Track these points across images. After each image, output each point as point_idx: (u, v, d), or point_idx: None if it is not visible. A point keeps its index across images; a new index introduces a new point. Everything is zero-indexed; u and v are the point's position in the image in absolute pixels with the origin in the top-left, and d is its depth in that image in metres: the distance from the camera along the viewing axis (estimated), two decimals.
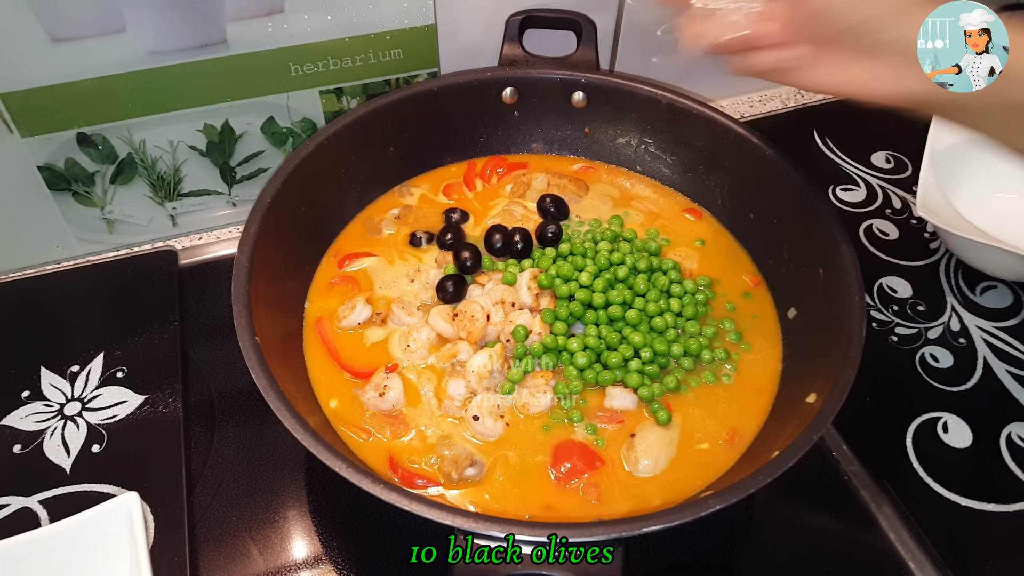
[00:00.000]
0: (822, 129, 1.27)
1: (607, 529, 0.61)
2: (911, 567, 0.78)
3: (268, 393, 0.68)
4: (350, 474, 0.64)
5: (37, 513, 0.79)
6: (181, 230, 1.09)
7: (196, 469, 0.84)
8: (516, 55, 1.03)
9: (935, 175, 1.00)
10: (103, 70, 0.91)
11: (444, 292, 0.88)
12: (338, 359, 0.85)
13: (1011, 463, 0.86)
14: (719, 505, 0.63)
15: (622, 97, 1.02)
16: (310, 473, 0.85)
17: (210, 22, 0.93)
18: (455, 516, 0.62)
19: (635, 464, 0.77)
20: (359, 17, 0.98)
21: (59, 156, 0.96)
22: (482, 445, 0.79)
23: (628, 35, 1.15)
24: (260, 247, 0.81)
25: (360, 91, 1.05)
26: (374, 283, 0.93)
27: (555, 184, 1.04)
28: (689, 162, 1.03)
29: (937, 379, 0.94)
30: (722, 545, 0.81)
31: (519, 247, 0.93)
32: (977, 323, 0.99)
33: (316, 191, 0.92)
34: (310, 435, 0.66)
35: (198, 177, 1.05)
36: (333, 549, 0.79)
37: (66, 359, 0.93)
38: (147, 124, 0.98)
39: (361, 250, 0.96)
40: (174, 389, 0.90)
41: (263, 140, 1.05)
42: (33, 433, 0.86)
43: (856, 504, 0.83)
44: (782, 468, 0.65)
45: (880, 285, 1.04)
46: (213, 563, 0.78)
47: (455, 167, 1.07)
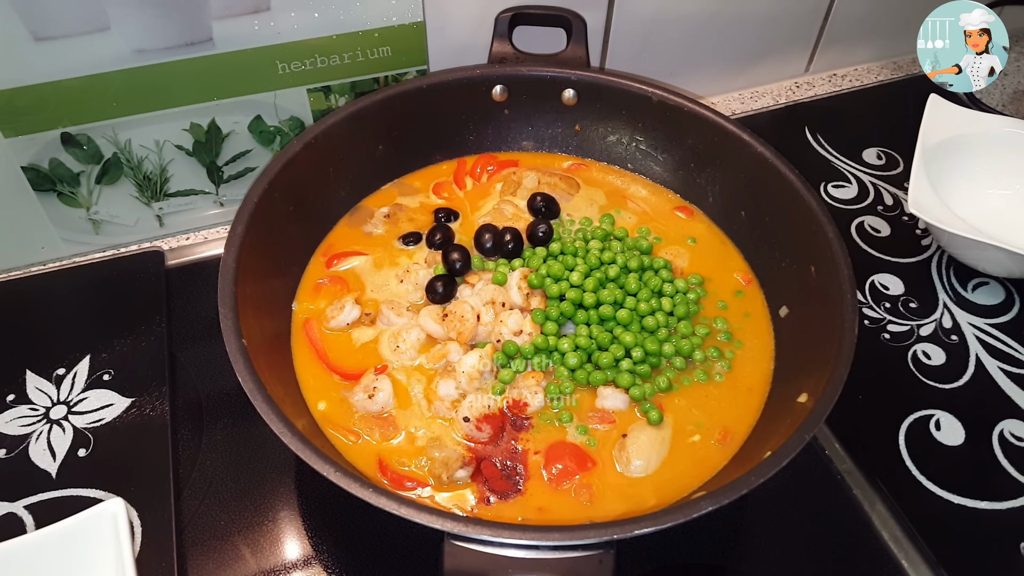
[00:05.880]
0: (813, 126, 1.26)
1: (599, 532, 0.61)
2: (904, 565, 0.78)
3: (255, 397, 0.68)
4: (339, 478, 0.63)
5: (22, 519, 0.79)
6: (168, 230, 1.08)
7: (184, 473, 0.84)
8: (506, 52, 1.03)
9: (927, 172, 1.00)
10: (87, 69, 0.90)
11: (434, 293, 0.87)
12: (326, 361, 0.84)
13: (1003, 460, 0.86)
14: (711, 506, 0.62)
15: (613, 94, 1.02)
16: (300, 476, 0.84)
17: (195, 20, 0.92)
18: (445, 520, 0.61)
19: (627, 464, 0.77)
20: (346, 14, 0.97)
21: (43, 156, 0.95)
22: (473, 447, 0.78)
23: (618, 32, 1.15)
24: (247, 248, 0.80)
25: (348, 89, 1.04)
26: (364, 283, 0.92)
27: (546, 182, 1.03)
28: (680, 160, 1.02)
29: (929, 376, 0.93)
30: (715, 546, 0.81)
31: (510, 247, 0.93)
32: (969, 320, 0.99)
33: (304, 190, 0.91)
34: (298, 439, 0.65)
35: (185, 177, 1.04)
36: (324, 552, 0.79)
37: (52, 362, 0.91)
38: (132, 123, 0.97)
39: (350, 249, 0.95)
40: (161, 392, 0.89)
41: (250, 139, 1.04)
42: (18, 437, 0.85)
43: (849, 503, 0.83)
44: (774, 468, 0.64)
45: (872, 282, 1.04)
46: (202, 568, 0.77)
47: (445, 165, 1.06)
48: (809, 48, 1.33)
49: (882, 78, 1.39)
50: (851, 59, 1.40)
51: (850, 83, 1.37)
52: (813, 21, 1.29)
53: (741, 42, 1.26)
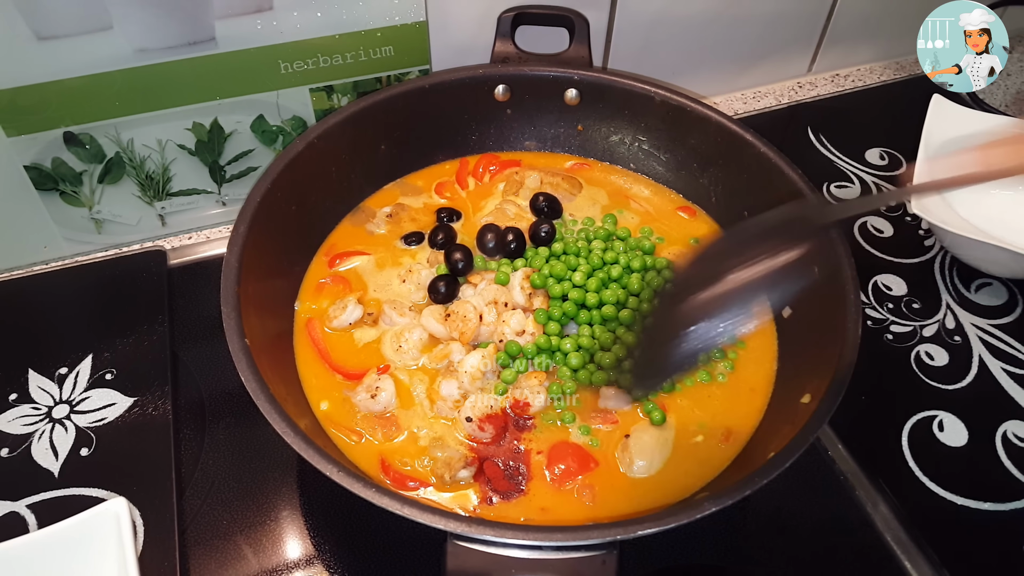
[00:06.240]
0: (816, 126, 1.26)
1: (602, 532, 0.61)
2: (907, 566, 0.78)
3: (258, 396, 0.68)
4: (342, 478, 0.63)
5: (25, 518, 0.79)
6: (170, 230, 1.08)
7: (186, 472, 0.83)
8: (508, 52, 1.03)
9: (930, 172, 1.00)
10: (90, 68, 0.90)
11: (436, 293, 0.87)
12: (328, 360, 0.84)
13: (1007, 461, 0.86)
14: (714, 507, 0.62)
15: (615, 94, 1.01)
16: (302, 475, 0.84)
17: (198, 19, 0.92)
18: (448, 520, 0.61)
19: (629, 465, 0.77)
20: (349, 14, 0.97)
21: (46, 155, 0.95)
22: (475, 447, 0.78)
23: (621, 32, 1.15)
24: (249, 247, 0.80)
25: (351, 89, 1.04)
26: (366, 283, 0.92)
27: (548, 182, 1.03)
28: (683, 160, 1.02)
29: (932, 377, 0.93)
30: (718, 547, 0.81)
31: (512, 247, 0.93)
32: (972, 321, 0.99)
33: (306, 190, 0.91)
34: (300, 439, 0.65)
35: (187, 176, 1.04)
36: (326, 552, 0.79)
37: (54, 361, 0.91)
38: (135, 123, 0.97)
39: (352, 249, 0.95)
40: (163, 391, 0.89)
41: (253, 138, 1.04)
42: (21, 436, 0.85)
43: (852, 503, 0.83)
44: (778, 469, 0.64)
45: (875, 283, 1.04)
46: (204, 567, 0.77)
47: (448, 165, 1.06)
48: (812, 48, 1.33)
49: (885, 78, 1.39)
50: (854, 59, 1.39)
51: (853, 83, 1.37)
52: (816, 21, 1.29)
53: (744, 42, 1.26)
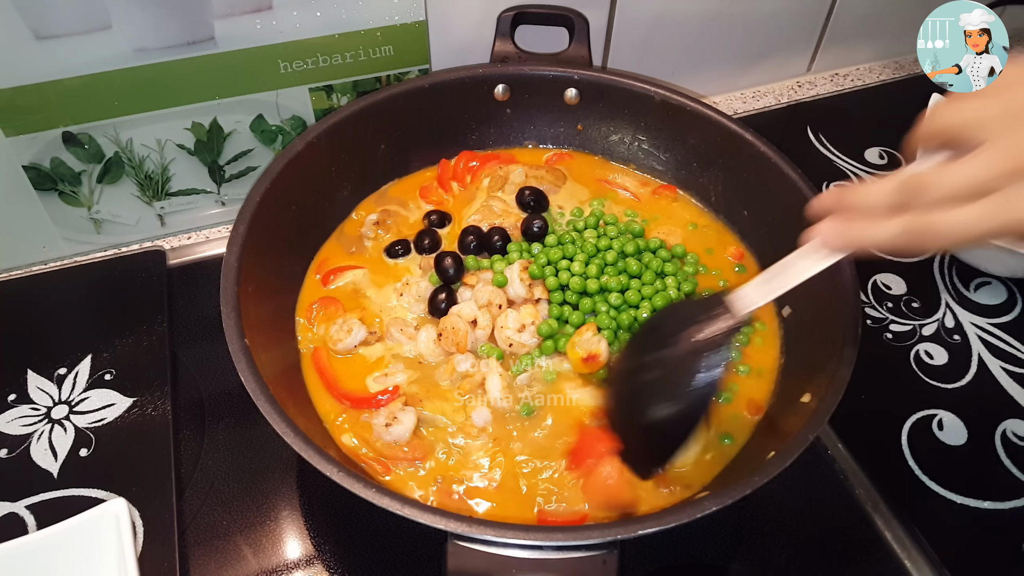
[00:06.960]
0: (816, 126, 1.26)
1: (603, 532, 0.61)
2: (907, 565, 0.78)
3: (258, 396, 0.67)
4: (342, 478, 0.63)
5: (24, 519, 0.78)
6: (169, 230, 1.08)
7: (186, 472, 0.83)
8: (508, 51, 1.02)
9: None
10: (89, 68, 0.90)
11: (437, 310, 0.86)
12: (336, 391, 0.82)
13: (1006, 460, 0.86)
14: (715, 507, 0.62)
15: (615, 94, 1.01)
16: (302, 475, 0.84)
17: (197, 19, 0.91)
18: (448, 520, 0.61)
19: None
20: (349, 13, 0.97)
21: (45, 155, 0.95)
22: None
23: (621, 31, 1.15)
24: (249, 247, 0.80)
25: (350, 88, 1.04)
26: (365, 296, 0.91)
27: (532, 176, 1.02)
28: (683, 159, 1.02)
29: (932, 376, 0.93)
30: (718, 546, 0.81)
31: (498, 246, 0.92)
32: (971, 320, 0.99)
33: (306, 190, 0.91)
34: (300, 439, 0.65)
35: (186, 176, 1.04)
36: (326, 552, 0.79)
37: (53, 361, 0.91)
38: (134, 122, 0.96)
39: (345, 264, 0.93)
40: (163, 391, 0.88)
41: (252, 138, 1.04)
42: (20, 437, 0.85)
43: (851, 502, 0.83)
44: (778, 469, 0.64)
45: (874, 282, 1.04)
46: (204, 567, 0.77)
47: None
48: (811, 47, 1.33)
49: (884, 78, 1.39)
50: (853, 58, 1.40)
51: (852, 83, 1.37)
52: (815, 20, 1.29)
53: (743, 41, 1.26)
